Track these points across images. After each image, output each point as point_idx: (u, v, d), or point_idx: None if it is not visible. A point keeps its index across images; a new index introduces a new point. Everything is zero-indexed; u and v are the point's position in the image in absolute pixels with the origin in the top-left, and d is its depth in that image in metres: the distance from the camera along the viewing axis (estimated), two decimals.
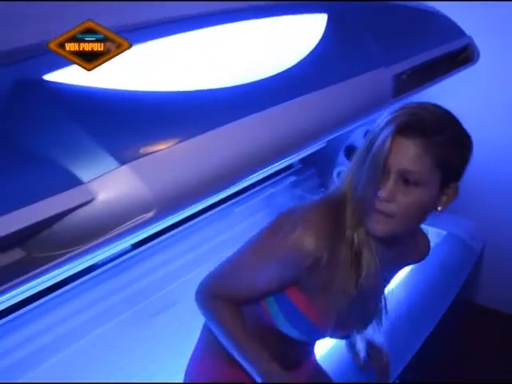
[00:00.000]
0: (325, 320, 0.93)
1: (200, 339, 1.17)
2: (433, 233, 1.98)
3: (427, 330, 1.52)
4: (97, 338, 1.51)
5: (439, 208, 0.86)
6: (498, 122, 1.82)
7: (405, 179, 0.78)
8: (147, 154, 0.80)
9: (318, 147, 1.93)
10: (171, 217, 0.87)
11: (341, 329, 0.99)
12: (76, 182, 0.73)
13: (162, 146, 0.81)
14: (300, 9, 1.31)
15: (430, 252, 1.71)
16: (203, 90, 0.92)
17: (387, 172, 0.79)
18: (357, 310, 0.93)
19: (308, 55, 1.17)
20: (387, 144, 0.77)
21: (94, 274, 1.61)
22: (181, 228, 1.87)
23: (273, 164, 1.01)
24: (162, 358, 1.50)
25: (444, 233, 1.95)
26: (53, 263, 0.72)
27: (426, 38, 1.55)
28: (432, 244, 1.85)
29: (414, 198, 0.79)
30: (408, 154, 0.77)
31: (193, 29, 1.04)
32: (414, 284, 1.65)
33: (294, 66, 1.13)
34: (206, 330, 1.11)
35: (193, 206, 0.88)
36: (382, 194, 0.78)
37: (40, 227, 0.71)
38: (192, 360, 1.17)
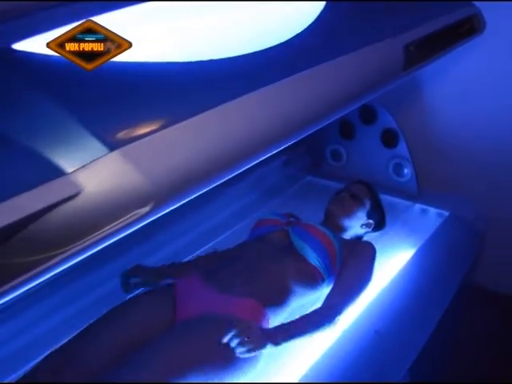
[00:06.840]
0: None
1: None
2: (434, 213, 1.90)
3: (436, 317, 1.44)
4: None
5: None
6: (504, 97, 1.73)
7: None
8: (141, 137, 0.67)
9: None
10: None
11: None
12: (57, 173, 0.60)
13: (159, 127, 0.68)
14: None
15: (434, 234, 1.65)
16: (207, 61, 0.79)
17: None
18: None
19: (312, 24, 1.05)
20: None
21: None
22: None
23: (285, 143, 0.89)
24: None
25: (446, 213, 1.86)
26: (34, 271, 0.60)
27: (432, 5, 1.44)
28: (434, 225, 1.80)
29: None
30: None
31: None
32: (418, 269, 1.57)
33: (295, 36, 1.01)
34: None
35: (196, 195, 0.76)
36: None
37: (15, 228, 0.59)
38: None
